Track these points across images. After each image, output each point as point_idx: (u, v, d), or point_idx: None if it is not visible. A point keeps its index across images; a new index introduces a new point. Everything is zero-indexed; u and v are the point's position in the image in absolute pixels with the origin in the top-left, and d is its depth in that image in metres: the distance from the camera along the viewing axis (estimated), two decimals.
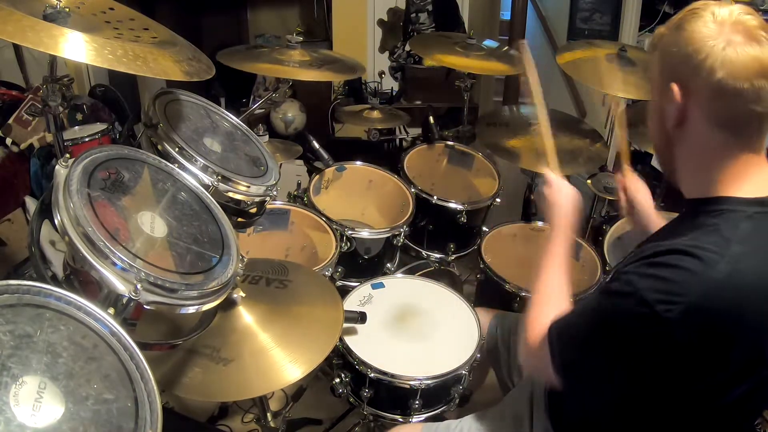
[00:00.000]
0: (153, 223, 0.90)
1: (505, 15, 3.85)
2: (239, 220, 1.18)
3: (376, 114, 2.51)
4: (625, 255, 1.02)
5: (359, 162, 2.10)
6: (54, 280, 0.86)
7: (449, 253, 2.04)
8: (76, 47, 0.90)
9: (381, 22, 3.66)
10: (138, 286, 0.78)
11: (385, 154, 2.98)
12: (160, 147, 1.09)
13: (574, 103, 3.89)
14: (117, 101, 2.56)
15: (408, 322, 1.50)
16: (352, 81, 3.45)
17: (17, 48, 2.43)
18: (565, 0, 3.84)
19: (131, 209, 0.89)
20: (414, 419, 1.40)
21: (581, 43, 2.24)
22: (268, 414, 1.39)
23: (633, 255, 0.91)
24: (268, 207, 1.32)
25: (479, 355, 1.40)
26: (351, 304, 1.53)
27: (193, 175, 1.08)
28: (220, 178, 1.11)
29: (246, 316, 1.14)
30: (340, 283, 1.77)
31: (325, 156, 2.01)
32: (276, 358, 1.08)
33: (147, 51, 1.00)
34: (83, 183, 0.84)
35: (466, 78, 2.30)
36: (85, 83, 2.95)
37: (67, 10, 1.05)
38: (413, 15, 3.48)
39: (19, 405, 0.60)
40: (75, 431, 0.63)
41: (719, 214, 0.85)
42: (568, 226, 1.12)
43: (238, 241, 1.03)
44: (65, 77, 1.24)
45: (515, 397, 1.25)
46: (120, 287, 0.77)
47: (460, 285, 2.10)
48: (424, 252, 2.06)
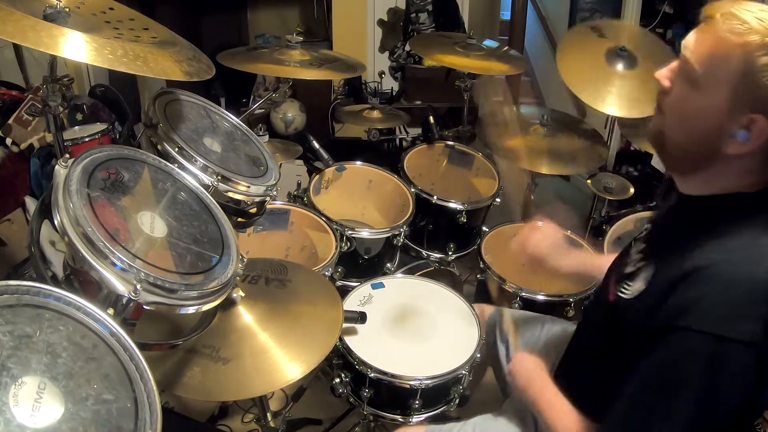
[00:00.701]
0: (153, 224, 0.90)
1: (505, 15, 3.85)
2: (239, 220, 1.18)
3: (376, 114, 2.51)
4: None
5: (359, 162, 2.10)
6: (54, 280, 0.86)
7: (449, 253, 2.04)
8: (76, 47, 0.89)
9: (381, 22, 3.66)
10: (138, 286, 0.78)
11: (385, 154, 2.98)
12: (160, 147, 1.09)
13: (574, 103, 3.89)
14: (117, 101, 2.56)
15: (408, 322, 1.50)
16: (352, 81, 3.45)
17: (17, 48, 2.43)
18: (565, 0, 3.84)
19: (131, 209, 0.89)
20: (414, 419, 1.40)
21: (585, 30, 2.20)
22: (268, 414, 1.39)
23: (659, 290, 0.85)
24: (268, 207, 1.32)
25: (479, 355, 1.40)
26: (351, 304, 1.53)
27: (193, 175, 1.07)
28: (220, 178, 1.10)
29: (245, 315, 1.14)
30: (340, 283, 1.77)
31: (325, 156, 2.01)
32: (275, 357, 1.08)
33: (147, 51, 1.00)
34: (83, 183, 0.84)
35: (466, 78, 2.30)
36: (85, 83, 2.95)
37: (67, 10, 1.05)
38: (413, 15, 3.48)
39: (19, 405, 0.60)
40: (75, 431, 0.63)
41: (739, 210, 0.85)
42: (535, 369, 1.12)
43: (238, 241, 1.03)
44: (65, 77, 1.24)
45: (519, 400, 1.25)
46: (120, 287, 0.77)
47: (460, 285, 2.09)
48: (424, 252, 2.06)
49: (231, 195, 1.14)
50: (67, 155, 0.89)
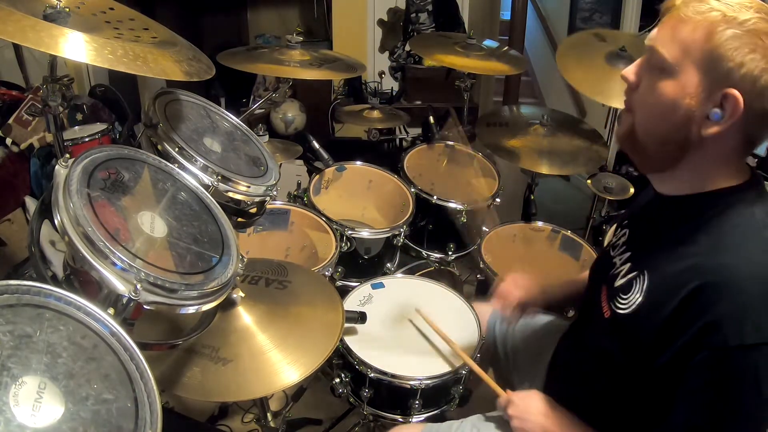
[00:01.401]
0: (153, 223, 0.90)
1: (505, 15, 3.86)
2: (239, 220, 1.18)
3: (376, 114, 2.51)
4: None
5: (359, 162, 2.10)
6: (54, 280, 0.86)
7: (449, 253, 2.04)
8: (76, 47, 0.89)
9: (381, 22, 3.66)
10: (138, 286, 0.78)
11: (385, 154, 2.98)
12: (160, 147, 1.09)
13: (574, 103, 3.90)
14: (117, 101, 2.56)
15: (408, 322, 1.50)
16: (352, 81, 3.46)
17: (17, 48, 2.43)
18: (565, 0, 3.84)
19: (131, 209, 0.89)
20: (414, 419, 1.40)
21: (585, 35, 2.22)
22: (268, 414, 1.39)
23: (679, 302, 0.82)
24: (268, 207, 1.32)
25: (479, 355, 1.40)
26: (351, 304, 1.53)
27: (193, 175, 1.07)
28: (220, 178, 1.10)
29: (245, 316, 1.14)
30: (340, 283, 1.78)
31: (325, 156, 2.01)
32: (274, 359, 1.08)
33: (147, 51, 1.00)
34: (83, 183, 0.84)
35: (466, 78, 2.31)
36: (85, 83, 2.95)
37: (67, 10, 1.05)
38: (413, 15, 3.48)
39: (19, 405, 0.60)
40: (75, 431, 0.63)
41: (730, 206, 0.84)
42: (558, 418, 1.04)
43: (238, 241, 1.03)
44: (65, 77, 1.24)
45: None
46: (120, 287, 0.77)
47: (460, 285, 2.09)
48: (424, 252, 2.06)
49: (231, 195, 1.14)
50: (67, 155, 0.89)
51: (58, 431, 0.62)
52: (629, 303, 0.91)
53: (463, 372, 1.38)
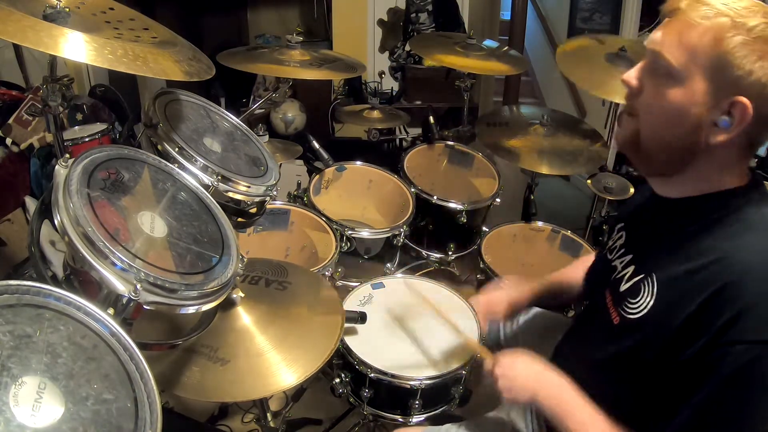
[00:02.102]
0: (153, 223, 0.90)
1: (505, 15, 3.86)
2: (239, 220, 1.18)
3: (376, 114, 2.51)
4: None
5: (359, 162, 2.10)
6: (54, 280, 0.85)
7: (449, 253, 2.04)
8: (76, 47, 0.89)
9: (381, 22, 3.66)
10: (138, 286, 0.78)
11: (385, 154, 2.99)
12: (160, 147, 1.09)
13: (574, 103, 3.90)
14: (117, 101, 2.57)
15: (408, 322, 1.50)
16: (352, 81, 3.46)
17: (17, 48, 2.43)
18: (565, 0, 3.84)
19: (131, 209, 0.89)
20: (414, 419, 1.40)
21: (584, 37, 2.23)
22: (268, 414, 1.39)
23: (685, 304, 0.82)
24: (268, 207, 1.32)
25: (479, 355, 1.40)
26: (351, 304, 1.53)
27: (193, 175, 1.07)
28: (220, 178, 1.10)
29: (245, 316, 1.14)
30: (340, 283, 1.77)
31: (325, 156, 2.01)
32: (273, 361, 1.07)
33: (147, 51, 1.00)
34: (83, 183, 0.84)
35: (466, 78, 2.31)
36: (85, 83, 2.96)
37: (67, 10, 1.05)
38: (413, 15, 3.48)
39: (19, 405, 0.60)
40: (75, 431, 0.63)
41: (738, 206, 0.84)
42: (548, 382, 1.00)
43: (238, 241, 1.03)
44: (65, 77, 1.24)
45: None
46: (120, 287, 0.77)
47: (460, 285, 2.09)
48: (424, 252, 2.06)
49: (231, 195, 1.14)
50: (67, 155, 0.89)
51: (58, 431, 0.62)
52: (639, 307, 0.90)
53: (463, 372, 1.38)
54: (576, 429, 0.94)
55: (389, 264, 1.92)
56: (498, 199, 2.04)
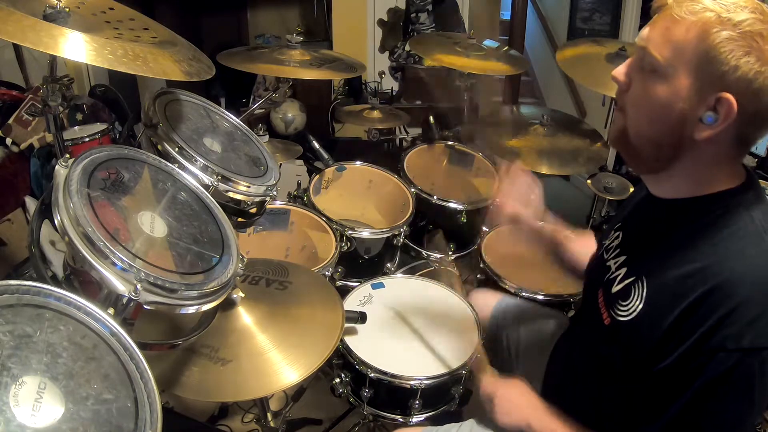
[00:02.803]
0: (153, 223, 0.90)
1: (505, 15, 3.86)
2: (239, 220, 1.18)
3: (376, 114, 2.51)
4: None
5: (359, 162, 2.10)
6: (54, 280, 0.86)
7: (449, 253, 2.04)
8: (76, 47, 0.89)
9: (381, 22, 3.66)
10: (138, 286, 0.78)
11: (385, 154, 2.99)
12: (160, 147, 1.09)
13: (574, 103, 3.90)
14: (117, 101, 2.57)
15: (408, 322, 1.50)
16: (352, 81, 3.46)
17: (17, 48, 2.43)
18: (565, 0, 3.84)
19: (131, 209, 0.89)
20: (414, 419, 1.40)
21: (583, 40, 2.24)
22: (268, 414, 1.39)
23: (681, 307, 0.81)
24: (268, 207, 1.32)
25: (479, 355, 1.40)
26: (351, 304, 1.53)
27: (193, 175, 1.07)
28: (220, 178, 1.10)
29: (245, 316, 1.14)
30: (340, 283, 1.77)
31: (325, 156, 2.01)
32: (274, 360, 1.07)
33: (147, 51, 1.00)
34: (83, 183, 0.84)
35: (466, 78, 2.31)
36: (85, 83, 2.96)
37: (67, 10, 1.05)
38: (413, 15, 3.49)
39: (19, 405, 0.60)
40: (75, 431, 0.63)
41: (728, 210, 0.84)
42: (540, 410, 1.04)
43: (238, 241, 1.03)
44: (65, 77, 1.24)
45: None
46: (120, 287, 0.77)
47: (460, 285, 2.09)
48: (424, 252, 2.06)
49: (231, 195, 1.14)
50: (67, 155, 0.89)
51: (58, 431, 0.62)
52: (629, 310, 0.90)
53: (463, 372, 1.38)
54: None
55: (389, 264, 1.92)
56: (498, 199, 2.03)
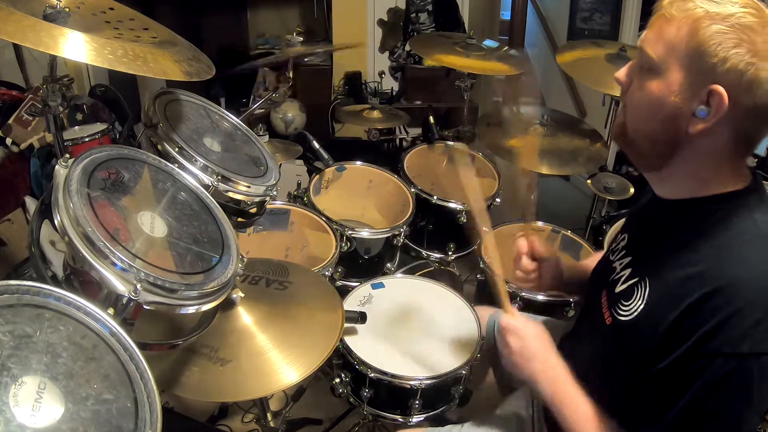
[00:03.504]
0: (153, 223, 0.90)
1: (505, 15, 3.86)
2: (239, 220, 1.18)
3: (376, 114, 2.51)
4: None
5: (359, 162, 2.10)
6: (54, 280, 0.86)
7: (449, 253, 2.04)
8: (76, 47, 0.89)
9: (381, 22, 3.66)
10: (138, 286, 0.78)
11: (385, 154, 2.99)
12: (160, 147, 1.09)
13: (574, 103, 3.89)
14: (117, 101, 2.57)
15: (408, 322, 1.50)
16: (352, 81, 3.46)
17: (17, 48, 2.43)
18: (565, 0, 3.84)
19: (131, 209, 0.89)
20: (414, 419, 1.40)
21: (583, 42, 2.26)
22: (268, 414, 1.39)
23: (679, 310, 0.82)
24: (268, 207, 1.32)
25: (479, 355, 1.40)
26: (351, 304, 1.53)
27: (193, 175, 1.07)
28: (220, 178, 1.10)
29: (245, 316, 1.14)
30: (340, 283, 1.78)
31: (325, 156, 2.01)
32: (273, 360, 1.08)
33: (147, 51, 1.00)
34: (83, 183, 0.84)
35: (466, 78, 2.31)
36: (85, 83, 2.96)
37: (67, 10, 1.05)
38: (413, 15, 3.48)
39: (19, 405, 0.60)
40: (75, 431, 0.63)
41: (731, 212, 0.84)
42: (550, 362, 1.02)
43: (238, 241, 1.03)
44: (65, 77, 1.24)
45: (516, 402, 1.25)
46: (120, 287, 0.77)
47: (460, 285, 2.09)
48: (424, 252, 2.06)
49: (231, 195, 1.14)
50: (68, 155, 0.89)
51: (58, 431, 0.62)
52: (631, 310, 0.91)
53: (463, 372, 1.38)
54: (568, 415, 0.96)
55: (389, 264, 1.92)
56: (498, 199, 2.04)
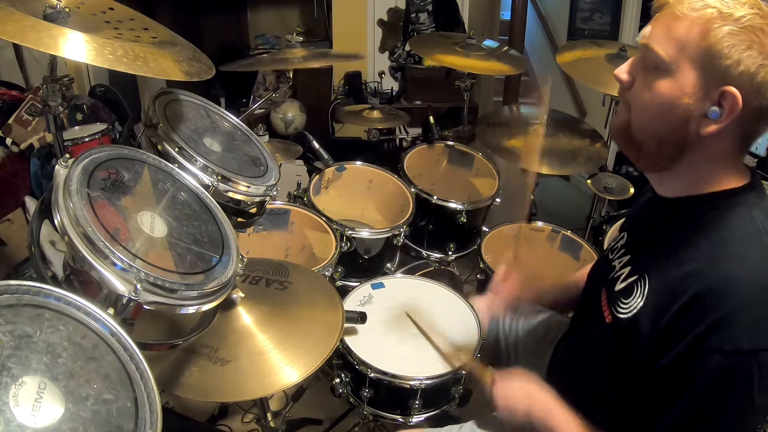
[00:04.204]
0: (153, 223, 0.90)
1: (505, 15, 3.85)
2: (239, 220, 1.18)
3: (376, 114, 2.51)
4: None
5: (359, 162, 2.10)
6: (54, 280, 0.86)
7: (449, 253, 2.04)
8: (76, 47, 0.89)
9: (381, 22, 3.66)
10: (138, 286, 0.78)
11: (385, 154, 2.99)
12: (160, 147, 1.09)
13: (574, 103, 3.90)
14: (117, 101, 2.57)
15: (408, 322, 1.50)
16: (352, 81, 3.46)
17: (17, 48, 2.43)
18: (565, 0, 3.84)
19: (131, 209, 0.89)
20: (414, 419, 1.39)
21: (583, 42, 2.26)
22: (268, 414, 1.39)
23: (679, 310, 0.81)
24: (268, 207, 1.32)
25: (479, 355, 1.40)
26: (351, 304, 1.53)
27: (193, 175, 1.07)
28: (220, 178, 1.10)
29: (245, 316, 1.14)
30: (340, 283, 1.78)
31: (325, 156, 2.01)
32: (273, 360, 1.08)
33: (147, 51, 1.00)
34: (83, 183, 0.84)
35: (466, 78, 2.31)
36: (85, 83, 2.96)
37: (67, 10, 1.05)
38: (413, 15, 3.49)
39: (19, 405, 0.60)
40: (75, 431, 0.63)
41: (729, 210, 0.84)
42: (540, 397, 1.03)
43: (238, 241, 1.03)
44: (65, 77, 1.24)
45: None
46: (120, 287, 0.77)
47: (460, 285, 2.09)
48: (424, 252, 2.06)
49: (231, 195, 1.14)
50: (68, 155, 0.89)
51: (58, 431, 0.62)
52: (630, 308, 0.91)
53: (463, 372, 1.38)
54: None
55: (389, 264, 1.92)
56: (498, 199, 2.04)
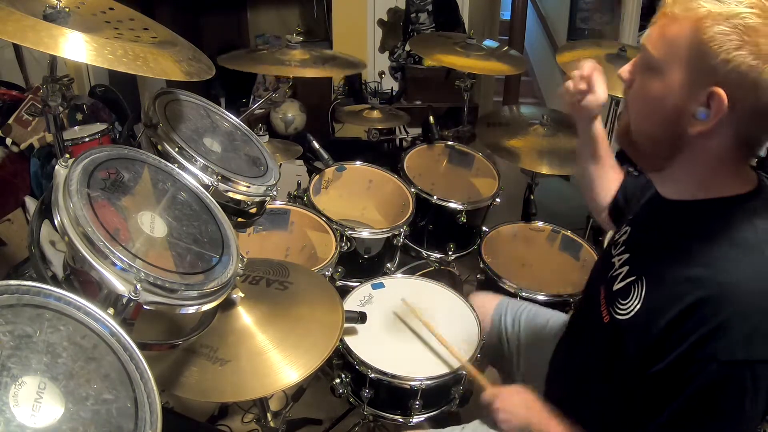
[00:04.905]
0: (153, 223, 0.90)
1: (505, 15, 3.86)
2: (239, 220, 1.18)
3: (376, 114, 2.51)
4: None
5: (359, 162, 2.10)
6: (54, 280, 0.86)
7: (449, 253, 2.04)
8: (76, 47, 0.89)
9: (381, 22, 3.66)
10: (138, 286, 0.78)
11: (385, 154, 2.99)
12: (160, 147, 1.09)
13: None
14: (117, 101, 2.57)
15: (408, 322, 1.50)
16: (352, 81, 3.46)
17: (17, 48, 2.43)
18: (565, 0, 3.84)
19: (131, 209, 0.89)
20: (414, 419, 1.39)
21: (583, 42, 2.26)
22: (268, 414, 1.39)
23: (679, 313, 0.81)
24: (268, 207, 1.32)
25: (479, 355, 1.40)
26: (351, 304, 1.53)
27: (193, 175, 1.07)
28: (220, 178, 1.10)
29: (245, 316, 1.14)
30: (340, 283, 1.77)
31: (325, 156, 2.00)
32: (273, 360, 1.07)
33: (147, 51, 1.00)
34: (83, 183, 0.84)
35: (466, 78, 2.31)
36: (85, 83, 2.96)
37: (67, 10, 1.05)
38: (413, 15, 3.49)
39: (19, 405, 0.60)
40: (75, 431, 0.63)
41: (732, 217, 0.83)
42: (539, 410, 1.10)
43: (238, 241, 1.03)
44: (65, 77, 1.24)
45: None
46: (120, 287, 0.77)
47: (460, 285, 2.09)
48: (424, 252, 2.06)
49: (231, 195, 1.14)
50: (68, 155, 0.89)
51: (58, 431, 0.62)
52: (628, 309, 0.91)
53: (463, 372, 1.38)
54: None
55: (389, 264, 1.92)
56: (498, 199, 2.04)
